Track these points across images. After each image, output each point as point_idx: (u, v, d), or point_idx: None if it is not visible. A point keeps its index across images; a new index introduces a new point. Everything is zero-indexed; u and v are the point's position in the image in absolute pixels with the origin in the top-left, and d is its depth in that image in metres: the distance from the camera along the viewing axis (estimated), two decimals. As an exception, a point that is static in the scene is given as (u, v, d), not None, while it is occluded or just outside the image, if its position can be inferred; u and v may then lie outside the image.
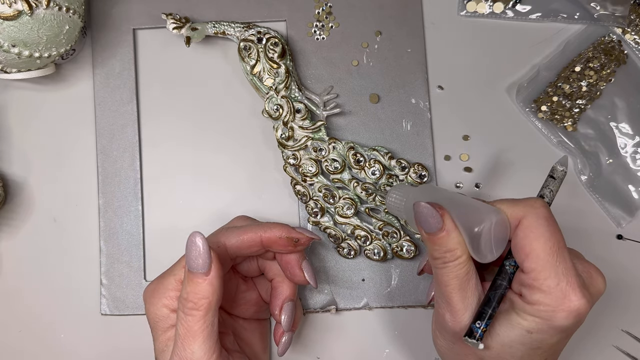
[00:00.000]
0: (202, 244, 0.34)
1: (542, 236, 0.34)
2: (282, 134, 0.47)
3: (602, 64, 0.49)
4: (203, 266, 0.34)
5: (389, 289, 0.48)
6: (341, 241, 0.47)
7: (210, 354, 0.35)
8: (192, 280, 0.35)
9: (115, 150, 0.49)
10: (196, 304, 0.34)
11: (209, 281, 0.35)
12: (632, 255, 0.49)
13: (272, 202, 0.49)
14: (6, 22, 0.39)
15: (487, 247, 0.35)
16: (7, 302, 0.48)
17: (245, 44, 0.47)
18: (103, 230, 0.48)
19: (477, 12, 0.50)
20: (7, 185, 0.49)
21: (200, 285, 0.35)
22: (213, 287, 0.35)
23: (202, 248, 0.34)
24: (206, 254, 0.34)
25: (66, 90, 0.50)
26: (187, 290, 0.35)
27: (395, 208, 0.41)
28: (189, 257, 0.35)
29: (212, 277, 0.35)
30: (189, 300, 0.35)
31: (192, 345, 0.34)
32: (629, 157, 0.49)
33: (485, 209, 0.36)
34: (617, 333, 0.48)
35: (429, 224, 0.36)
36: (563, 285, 0.33)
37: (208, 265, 0.34)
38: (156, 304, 0.37)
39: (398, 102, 0.49)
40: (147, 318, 0.38)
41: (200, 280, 0.35)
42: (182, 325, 0.35)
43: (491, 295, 0.35)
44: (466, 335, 0.35)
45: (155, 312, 0.37)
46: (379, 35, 0.50)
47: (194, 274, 0.35)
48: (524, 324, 0.34)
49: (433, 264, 0.37)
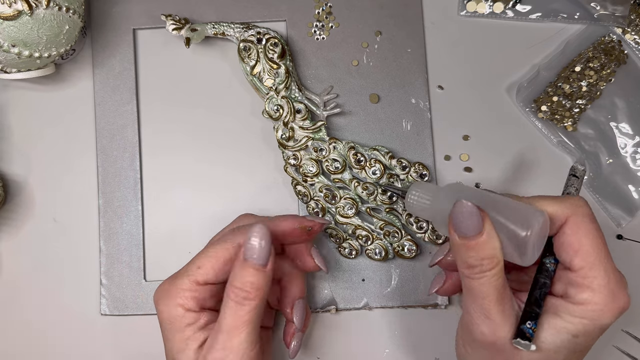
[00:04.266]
0: (266, 236, 0.35)
1: (591, 233, 0.34)
2: (282, 135, 0.47)
3: (602, 64, 0.49)
4: (263, 258, 0.35)
5: (389, 289, 0.48)
6: (342, 241, 0.47)
7: (254, 345, 0.35)
8: (248, 271, 0.35)
9: (115, 150, 0.49)
10: (250, 294, 0.34)
11: (266, 273, 0.35)
12: (632, 255, 0.49)
13: (272, 202, 0.49)
14: (6, 22, 0.39)
15: (533, 250, 0.34)
16: (7, 302, 0.48)
17: (245, 45, 0.47)
18: (103, 230, 0.48)
19: (477, 12, 0.50)
20: (7, 185, 0.48)
21: (257, 276, 0.35)
22: (268, 279, 0.35)
23: (265, 241, 0.35)
24: (268, 246, 0.35)
25: (66, 90, 0.50)
26: (243, 281, 0.34)
27: (418, 208, 0.39)
28: (249, 248, 0.35)
29: (269, 269, 0.35)
30: (244, 290, 0.34)
31: (241, 335, 0.34)
32: (629, 157, 0.49)
33: (528, 211, 0.34)
34: (617, 333, 0.48)
35: (468, 227, 0.33)
36: (612, 284, 0.33)
37: (267, 257, 0.35)
38: (170, 304, 0.36)
39: (398, 102, 0.49)
40: (159, 319, 0.37)
41: (258, 271, 0.35)
42: (231, 316, 0.35)
43: (537, 294, 0.34)
44: (517, 337, 0.33)
45: (170, 311, 0.36)
46: (379, 35, 0.50)
47: (252, 265, 0.35)
48: (570, 328, 0.33)
49: (466, 274, 0.34)
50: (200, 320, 0.36)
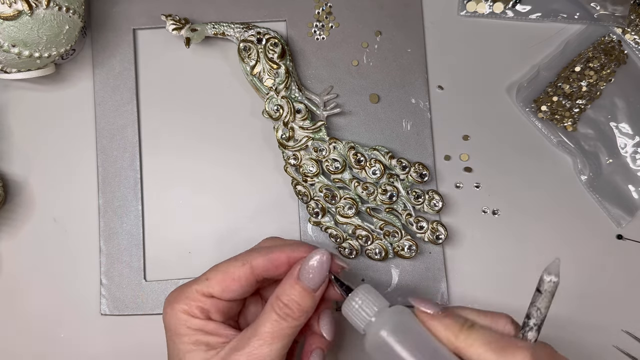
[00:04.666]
0: (326, 263, 0.35)
1: None
2: (282, 135, 0.47)
3: (602, 64, 0.49)
4: (316, 283, 0.35)
5: (389, 289, 0.48)
6: (342, 241, 0.47)
7: (281, 357, 0.35)
8: (297, 290, 0.35)
9: (115, 150, 0.49)
10: (294, 313, 0.35)
11: (314, 297, 0.35)
12: (632, 255, 0.49)
13: (272, 202, 0.49)
14: (6, 22, 0.39)
15: None
16: (7, 302, 0.48)
17: (245, 45, 0.47)
18: (103, 230, 0.48)
19: (477, 12, 0.50)
20: (7, 185, 0.48)
21: (305, 298, 0.35)
22: (314, 303, 0.36)
23: (324, 267, 0.35)
24: (324, 273, 0.35)
25: (66, 90, 0.50)
26: (290, 298, 0.35)
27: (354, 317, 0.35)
28: (306, 269, 0.35)
29: (318, 295, 0.36)
30: (289, 307, 0.35)
31: (275, 345, 0.34)
32: (629, 157, 0.49)
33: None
34: (617, 333, 0.48)
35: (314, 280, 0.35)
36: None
37: (319, 283, 0.35)
38: (175, 308, 0.36)
39: (398, 102, 0.49)
40: (164, 322, 0.37)
41: (307, 293, 0.35)
42: (271, 326, 0.35)
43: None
44: None
45: (174, 315, 0.36)
46: (379, 35, 0.50)
47: (303, 286, 0.35)
48: None
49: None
50: (207, 326, 0.36)
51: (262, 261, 0.37)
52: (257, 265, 0.37)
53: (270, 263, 0.37)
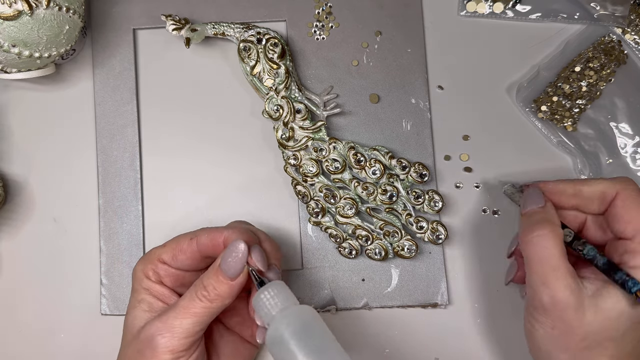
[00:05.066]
0: (242, 255, 0.36)
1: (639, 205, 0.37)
2: (282, 135, 0.47)
3: (602, 64, 0.49)
4: (232, 272, 0.36)
5: (389, 289, 0.48)
6: (342, 241, 0.47)
7: (191, 338, 0.37)
8: (217, 277, 0.37)
9: (115, 150, 0.49)
10: (209, 296, 0.37)
11: (231, 286, 0.37)
12: (632, 255, 0.49)
13: (272, 202, 0.49)
14: (6, 22, 0.39)
15: None
16: (7, 302, 0.48)
17: (244, 45, 0.47)
18: (103, 230, 0.48)
19: (477, 12, 0.50)
20: (7, 185, 0.48)
21: (222, 285, 0.37)
22: (231, 292, 0.37)
23: (240, 258, 0.36)
24: (239, 264, 0.36)
25: (66, 90, 0.50)
26: (209, 282, 0.37)
27: (265, 307, 0.36)
28: (224, 258, 0.37)
29: (235, 284, 0.37)
30: (207, 290, 0.37)
31: (185, 319, 0.36)
32: (629, 157, 0.49)
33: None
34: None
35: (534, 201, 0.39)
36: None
37: (237, 273, 0.37)
38: (136, 268, 0.40)
39: (398, 102, 0.49)
40: None
41: (225, 281, 0.37)
42: (187, 301, 0.37)
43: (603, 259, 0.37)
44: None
45: (135, 273, 0.40)
46: (379, 35, 0.50)
47: (221, 274, 0.37)
48: (629, 295, 0.35)
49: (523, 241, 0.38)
50: (154, 288, 0.39)
51: (205, 239, 0.39)
52: (201, 242, 0.39)
53: (210, 242, 0.39)
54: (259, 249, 0.38)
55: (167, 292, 0.40)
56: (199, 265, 0.40)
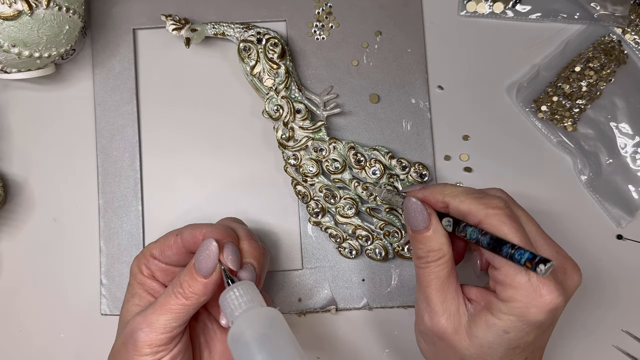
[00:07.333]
0: (213, 254, 0.37)
1: (507, 231, 0.34)
2: (282, 135, 0.47)
3: (602, 64, 0.49)
4: (204, 270, 0.36)
5: (389, 289, 0.48)
6: (342, 241, 0.47)
7: (168, 334, 0.37)
8: (192, 276, 0.37)
9: (115, 150, 0.49)
10: (184, 293, 0.37)
11: (205, 284, 0.36)
12: (632, 255, 0.49)
13: (272, 202, 0.49)
14: (6, 22, 0.39)
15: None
16: (7, 302, 0.48)
17: (244, 45, 0.47)
18: (103, 230, 0.48)
19: (477, 12, 0.50)
20: (7, 185, 0.48)
21: (195, 283, 0.36)
22: (206, 290, 0.37)
23: (211, 256, 0.36)
24: (211, 262, 0.36)
25: (66, 90, 0.50)
26: (184, 279, 0.37)
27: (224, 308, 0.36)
28: (197, 256, 0.37)
29: (209, 282, 0.37)
30: (182, 287, 0.37)
31: (162, 316, 0.36)
32: (629, 157, 0.49)
33: None
34: (617, 333, 0.48)
35: (417, 221, 0.37)
36: (534, 280, 0.33)
37: (210, 271, 0.36)
38: (133, 263, 0.41)
39: (398, 102, 0.49)
40: None
41: (199, 279, 0.36)
42: (165, 297, 0.37)
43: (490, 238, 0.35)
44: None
45: (131, 268, 0.41)
46: (379, 35, 0.50)
47: (195, 272, 0.36)
48: (500, 324, 0.34)
49: (416, 264, 0.38)
50: (146, 283, 0.40)
51: (187, 236, 0.39)
52: (184, 238, 0.39)
53: (192, 239, 0.39)
54: (232, 248, 0.38)
55: (157, 287, 0.40)
56: (185, 260, 0.40)
